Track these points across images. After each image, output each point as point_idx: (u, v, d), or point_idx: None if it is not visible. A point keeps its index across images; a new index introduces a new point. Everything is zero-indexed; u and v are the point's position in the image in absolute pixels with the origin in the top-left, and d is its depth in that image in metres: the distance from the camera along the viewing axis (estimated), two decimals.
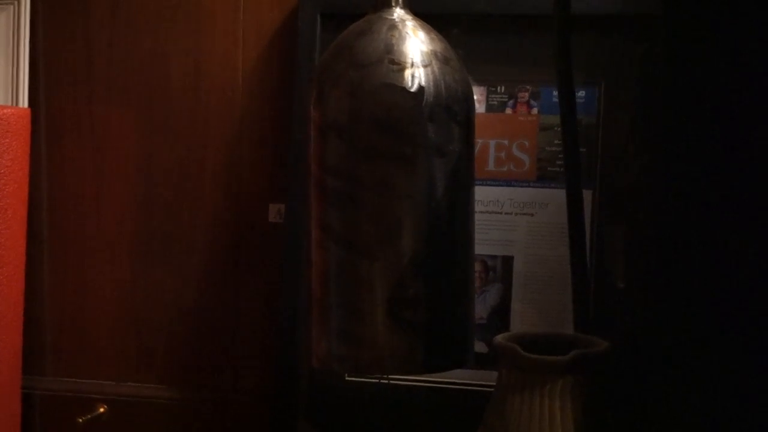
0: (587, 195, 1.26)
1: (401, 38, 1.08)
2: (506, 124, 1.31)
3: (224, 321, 1.42)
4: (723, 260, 0.86)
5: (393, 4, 1.12)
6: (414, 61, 1.06)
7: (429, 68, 1.06)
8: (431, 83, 1.05)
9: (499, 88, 1.31)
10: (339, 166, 1.07)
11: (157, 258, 1.44)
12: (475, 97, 1.28)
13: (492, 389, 1.09)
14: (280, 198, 1.38)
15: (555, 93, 1.25)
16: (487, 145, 1.31)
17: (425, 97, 1.05)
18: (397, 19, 1.10)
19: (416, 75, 1.05)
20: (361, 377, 1.32)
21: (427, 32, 1.10)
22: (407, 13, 1.12)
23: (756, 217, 0.85)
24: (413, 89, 1.05)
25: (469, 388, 1.30)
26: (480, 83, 1.31)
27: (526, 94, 1.31)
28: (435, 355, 1.06)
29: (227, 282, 1.42)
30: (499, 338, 1.08)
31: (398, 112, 1.05)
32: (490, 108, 1.31)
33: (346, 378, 1.33)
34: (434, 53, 1.08)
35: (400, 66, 1.06)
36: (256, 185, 1.40)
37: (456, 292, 1.08)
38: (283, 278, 1.35)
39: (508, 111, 1.31)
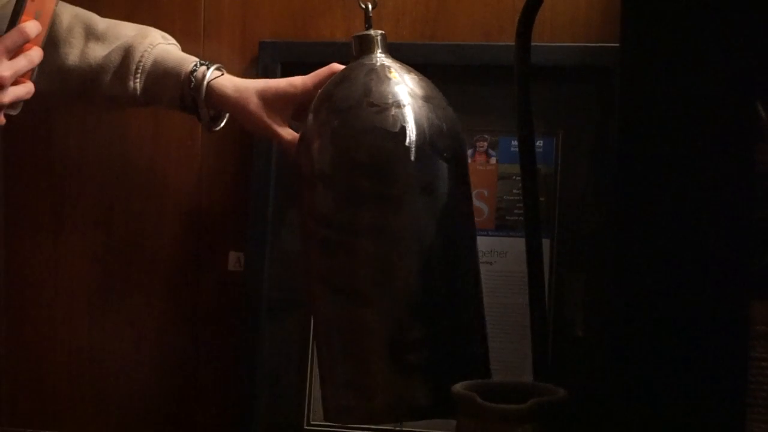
0: (546, 244, 1.27)
1: (379, 81, 1.08)
2: None
3: (182, 371, 1.41)
4: (683, 310, 0.87)
5: (373, 49, 1.12)
6: (393, 101, 1.06)
7: (409, 107, 1.06)
8: (413, 122, 1.05)
9: None
10: (327, 214, 1.07)
11: (115, 308, 1.43)
12: None
13: None
14: (239, 246, 1.38)
15: (514, 142, 1.26)
16: None
17: (407, 136, 1.04)
18: (376, 64, 1.10)
19: (396, 115, 1.05)
20: (321, 425, 1.31)
21: (408, 73, 1.10)
22: (387, 56, 1.12)
23: (714, 263, 0.85)
24: (394, 129, 1.05)
25: None
26: None
27: (485, 144, 1.32)
28: (446, 397, 1.04)
29: (186, 331, 1.41)
30: (458, 387, 1.08)
31: (381, 154, 1.05)
32: None
33: (305, 427, 1.32)
34: (414, 92, 1.07)
35: (379, 107, 1.06)
36: (216, 233, 1.40)
37: (462, 330, 1.07)
38: (242, 326, 1.35)
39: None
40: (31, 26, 1.11)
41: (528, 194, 1.16)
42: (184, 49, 1.35)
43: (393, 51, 1.30)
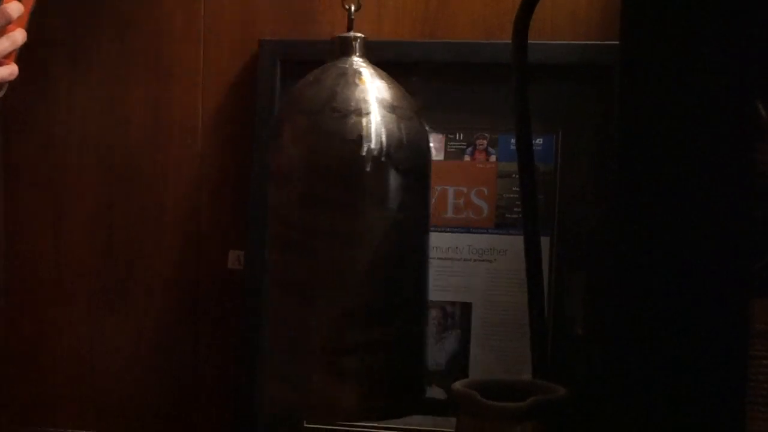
0: (545, 241, 1.27)
1: (347, 86, 1.08)
2: (465, 172, 1.32)
3: (182, 369, 1.41)
4: (683, 308, 0.87)
5: (350, 52, 1.12)
6: (356, 108, 1.06)
7: (371, 116, 1.06)
8: (371, 132, 1.05)
9: (457, 135, 1.32)
10: (283, 211, 1.09)
11: (115, 306, 1.42)
12: (433, 145, 1.30)
13: None
14: (239, 244, 1.38)
15: (513, 140, 1.26)
16: (446, 192, 1.32)
17: (363, 145, 1.05)
18: (348, 67, 1.11)
19: (356, 123, 1.05)
20: (319, 425, 1.31)
21: (379, 80, 1.10)
22: (364, 61, 1.12)
23: (714, 262, 0.85)
24: (352, 137, 1.05)
25: None
26: (439, 131, 1.32)
27: (485, 142, 1.32)
28: (375, 403, 1.06)
29: (186, 329, 1.41)
30: (458, 385, 1.08)
31: (337, 160, 1.05)
32: (448, 155, 1.32)
33: (305, 425, 1.32)
34: (380, 101, 1.08)
35: (341, 113, 1.06)
36: (216, 232, 1.40)
37: (401, 341, 1.08)
38: (242, 325, 1.35)
39: (467, 158, 1.32)
40: (14, 7, 1.10)
41: (526, 192, 1.16)
42: (184, 47, 1.35)
43: (393, 49, 1.31)
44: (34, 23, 1.14)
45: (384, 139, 1.06)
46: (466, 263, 1.31)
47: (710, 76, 0.85)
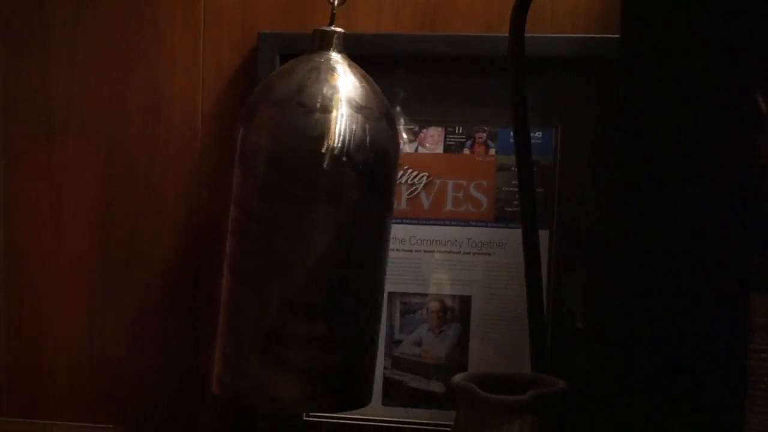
0: (544, 235, 1.27)
1: (316, 81, 1.08)
2: (464, 165, 1.32)
3: (181, 361, 1.41)
4: (682, 302, 0.87)
5: (328, 47, 1.13)
6: (321, 105, 1.06)
7: (335, 114, 1.06)
8: (333, 130, 1.06)
9: (457, 128, 1.32)
10: (242, 198, 1.10)
11: (115, 297, 1.42)
12: (432, 137, 1.30)
13: (450, 429, 1.09)
14: None
15: (512, 134, 1.26)
16: (445, 186, 1.32)
17: (324, 142, 1.05)
18: (323, 62, 1.11)
19: (319, 119, 1.05)
20: (319, 417, 1.31)
21: (352, 77, 1.10)
22: (342, 57, 1.12)
23: (714, 256, 0.86)
24: (313, 134, 1.05)
25: (427, 428, 1.30)
26: (438, 124, 1.32)
27: (484, 135, 1.32)
28: (312, 395, 1.08)
29: (185, 322, 1.41)
30: (457, 378, 1.08)
31: (295, 155, 1.06)
32: (447, 148, 1.32)
33: (304, 417, 1.33)
34: (348, 100, 1.07)
35: (306, 109, 1.06)
36: (215, 223, 1.40)
37: (343, 337, 1.08)
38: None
39: (466, 151, 1.32)
40: None
41: (524, 186, 1.16)
42: (183, 40, 1.34)
43: (392, 42, 1.31)
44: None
45: (346, 138, 1.06)
46: (465, 256, 1.31)
47: (710, 69, 0.85)
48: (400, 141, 1.23)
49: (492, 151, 1.32)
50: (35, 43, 1.44)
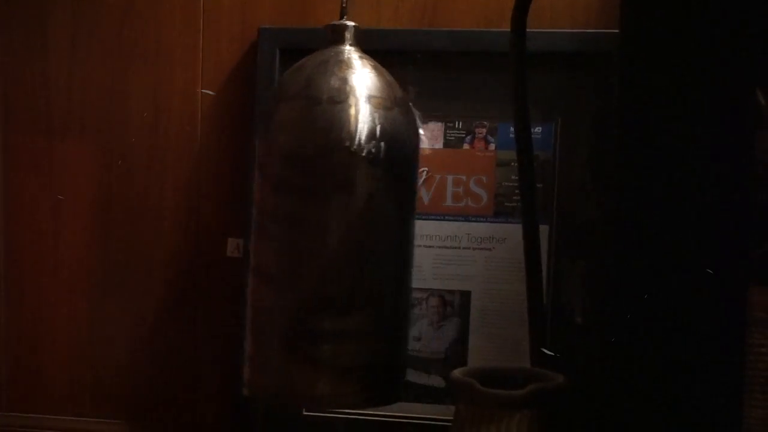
0: (544, 230, 1.27)
1: (325, 73, 1.08)
2: (464, 160, 1.32)
3: (181, 356, 1.41)
4: (682, 294, 0.87)
5: (342, 40, 1.12)
6: (329, 96, 1.06)
7: (344, 105, 1.06)
8: (342, 121, 1.05)
9: (456, 123, 1.32)
10: (259, 201, 1.10)
11: (114, 293, 1.42)
12: (432, 133, 1.30)
13: (449, 424, 1.09)
14: (238, 232, 1.38)
15: (512, 129, 1.26)
16: (445, 181, 1.32)
17: (333, 133, 1.05)
18: (333, 55, 1.10)
19: (327, 110, 1.05)
20: (318, 412, 1.31)
21: (362, 69, 1.09)
22: (356, 50, 1.12)
23: (713, 250, 0.86)
24: (321, 125, 1.05)
25: (427, 422, 1.30)
26: (438, 119, 1.32)
27: (484, 130, 1.32)
28: (345, 391, 1.06)
29: (184, 316, 1.41)
30: (456, 373, 1.08)
31: (305, 148, 1.05)
32: (447, 143, 1.32)
33: (304, 413, 1.33)
34: (357, 90, 1.07)
35: (314, 101, 1.06)
36: (215, 219, 1.40)
37: (371, 330, 1.08)
38: (241, 313, 1.35)
39: (466, 146, 1.32)
40: None
41: (525, 181, 1.16)
42: (183, 36, 1.35)
43: (392, 37, 1.31)
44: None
45: (355, 128, 1.05)
46: (465, 251, 1.31)
47: (710, 63, 0.85)
48: (419, 129, 1.21)
49: (492, 146, 1.32)
50: (35, 39, 1.44)
